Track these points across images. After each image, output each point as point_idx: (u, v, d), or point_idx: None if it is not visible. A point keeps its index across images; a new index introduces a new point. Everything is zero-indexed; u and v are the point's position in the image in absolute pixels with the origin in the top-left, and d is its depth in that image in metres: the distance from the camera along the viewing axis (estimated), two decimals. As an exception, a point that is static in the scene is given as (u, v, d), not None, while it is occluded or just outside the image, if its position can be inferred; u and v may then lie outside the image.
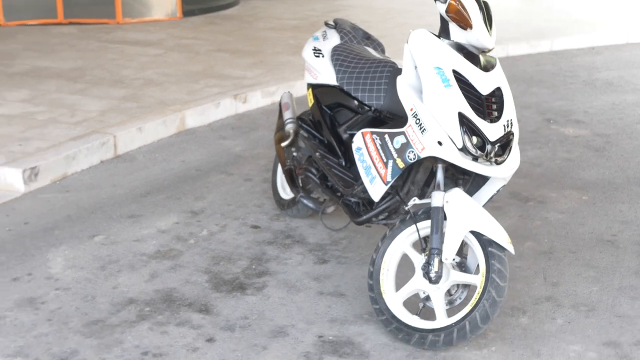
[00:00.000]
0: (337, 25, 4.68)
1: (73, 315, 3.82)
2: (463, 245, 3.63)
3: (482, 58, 3.67)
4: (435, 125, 3.53)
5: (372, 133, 3.80)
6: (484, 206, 3.79)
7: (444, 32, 3.69)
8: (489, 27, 3.62)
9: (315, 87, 4.51)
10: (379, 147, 3.74)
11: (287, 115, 4.70)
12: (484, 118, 3.54)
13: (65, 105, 6.64)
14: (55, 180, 5.47)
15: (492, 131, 3.53)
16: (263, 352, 3.56)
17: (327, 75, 4.38)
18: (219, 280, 4.17)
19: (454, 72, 3.57)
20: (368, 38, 4.68)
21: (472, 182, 3.83)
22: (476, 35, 3.58)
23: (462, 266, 3.62)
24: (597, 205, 5.22)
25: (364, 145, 3.83)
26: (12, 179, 5.27)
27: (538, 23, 11.10)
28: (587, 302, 4.01)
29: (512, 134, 3.62)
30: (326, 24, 4.73)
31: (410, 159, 3.61)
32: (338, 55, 4.37)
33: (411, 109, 3.62)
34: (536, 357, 3.56)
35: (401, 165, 3.65)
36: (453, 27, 3.64)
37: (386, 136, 3.72)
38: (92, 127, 6.10)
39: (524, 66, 9.12)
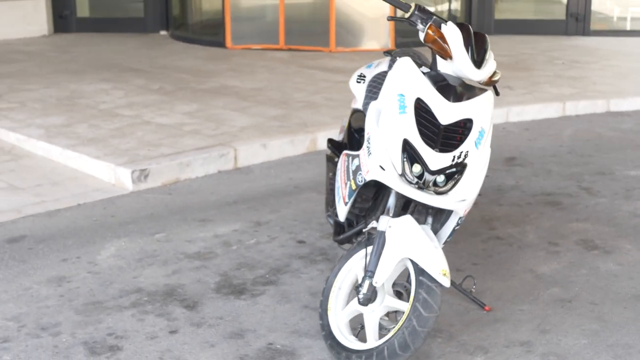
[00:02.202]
0: (393, 54, 4.77)
1: (83, 295, 4.29)
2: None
3: (459, 89, 3.64)
4: (381, 149, 3.56)
5: (346, 155, 3.91)
6: (447, 239, 3.76)
7: (433, 62, 3.72)
8: (476, 59, 3.60)
9: (353, 112, 4.66)
10: (345, 169, 3.85)
11: (339, 138, 4.88)
12: (433, 147, 3.52)
13: (216, 120, 7.23)
14: (166, 183, 6.03)
15: (436, 160, 3.50)
16: (208, 349, 3.79)
17: (359, 100, 4.52)
18: (227, 283, 4.43)
19: (419, 100, 3.58)
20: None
21: (447, 214, 3.79)
22: (459, 67, 3.59)
23: (409, 292, 3.61)
24: (673, 263, 4.81)
25: (340, 166, 3.95)
26: (123, 178, 5.91)
27: None
28: (562, 352, 3.77)
29: (465, 165, 3.56)
30: (384, 53, 4.84)
31: (359, 182, 3.68)
32: (374, 82, 4.48)
33: (367, 133, 3.69)
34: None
35: (354, 186, 3.72)
36: (438, 57, 3.67)
37: (350, 158, 3.82)
38: (222, 140, 6.62)
39: None
